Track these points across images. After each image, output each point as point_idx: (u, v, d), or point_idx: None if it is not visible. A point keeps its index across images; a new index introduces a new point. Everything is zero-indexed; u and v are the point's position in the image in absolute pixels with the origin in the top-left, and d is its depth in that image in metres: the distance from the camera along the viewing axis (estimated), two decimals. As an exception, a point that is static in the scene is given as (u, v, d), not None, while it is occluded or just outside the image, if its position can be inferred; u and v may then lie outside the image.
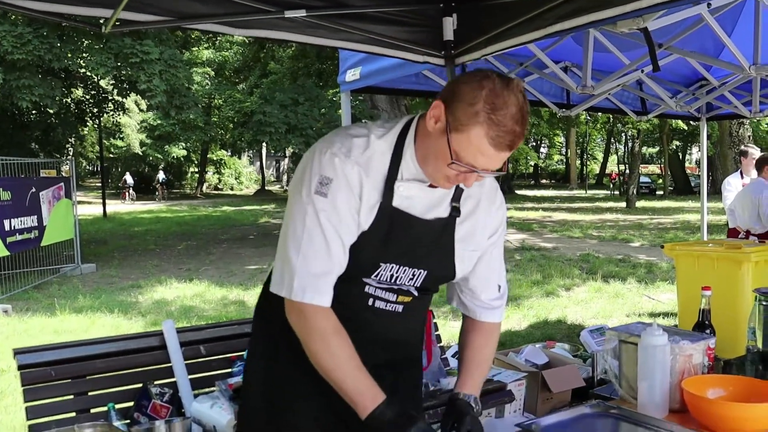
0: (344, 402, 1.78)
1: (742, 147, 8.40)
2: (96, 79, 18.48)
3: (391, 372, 1.98)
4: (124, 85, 16.83)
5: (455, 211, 1.90)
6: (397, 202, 1.81)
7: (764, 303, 2.65)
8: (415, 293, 1.94)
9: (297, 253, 1.76)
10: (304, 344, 1.80)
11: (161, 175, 39.83)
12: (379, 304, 1.91)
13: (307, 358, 1.80)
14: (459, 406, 1.91)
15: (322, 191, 1.75)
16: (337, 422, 1.91)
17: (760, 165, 6.88)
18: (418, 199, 1.84)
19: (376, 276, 1.86)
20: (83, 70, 16.47)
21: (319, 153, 1.79)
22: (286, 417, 1.97)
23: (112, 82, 17.13)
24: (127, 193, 37.64)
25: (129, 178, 38.64)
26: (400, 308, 1.94)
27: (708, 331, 2.59)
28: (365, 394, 1.74)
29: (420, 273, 1.90)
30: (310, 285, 1.75)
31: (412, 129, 1.83)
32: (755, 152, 7.57)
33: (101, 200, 27.29)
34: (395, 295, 1.91)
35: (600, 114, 36.28)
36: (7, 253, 10.50)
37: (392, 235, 1.82)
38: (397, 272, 1.87)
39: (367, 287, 1.88)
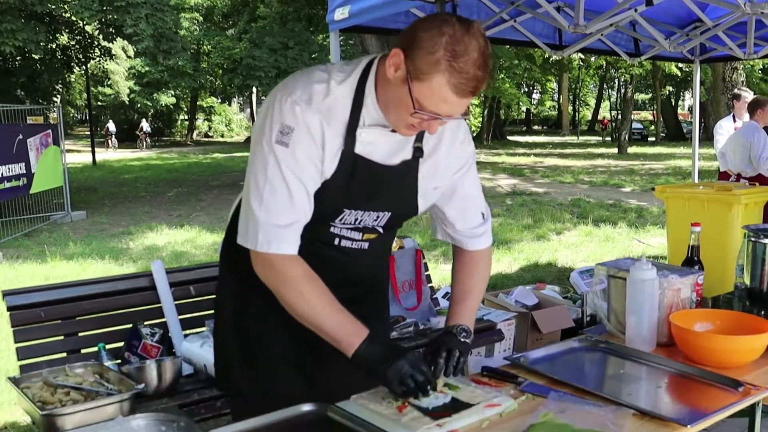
0: (316, 337, 1.79)
1: (735, 90, 8.33)
2: (81, 24, 18.13)
3: (360, 306, 1.98)
4: (110, 30, 16.55)
5: (418, 152, 1.88)
6: (359, 149, 1.79)
7: (753, 239, 2.65)
8: (381, 231, 1.95)
9: (260, 205, 1.74)
10: (276, 294, 1.80)
11: (145, 124, 39.34)
12: (345, 243, 1.91)
13: (273, 297, 1.81)
14: (444, 335, 1.92)
15: (283, 141, 1.72)
16: (308, 357, 1.93)
17: (752, 108, 6.83)
18: (381, 144, 1.82)
19: (341, 220, 1.86)
20: (67, 15, 16.14)
21: (280, 101, 1.75)
22: (257, 353, 1.98)
23: (98, 26, 16.82)
24: (109, 141, 37.21)
25: (111, 126, 38.20)
26: (366, 245, 1.94)
27: (697, 267, 2.60)
28: (348, 332, 1.75)
29: (384, 214, 1.90)
30: (275, 235, 1.74)
31: (372, 73, 1.78)
32: (748, 95, 7.51)
33: (90, 148, 27.05)
34: (361, 234, 1.92)
35: (593, 59, 35.99)
36: (-5, 200, 10.45)
37: (355, 182, 1.81)
38: (361, 216, 1.87)
39: (332, 228, 1.89)
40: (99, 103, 39.87)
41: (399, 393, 1.72)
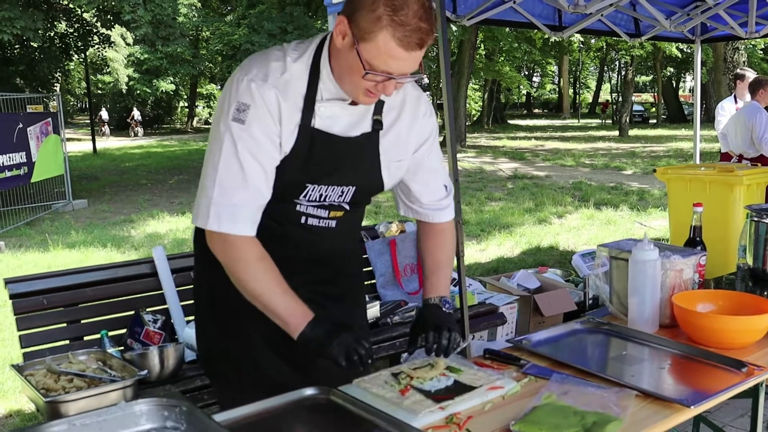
0: None
1: (738, 70, 8.28)
2: (79, 11, 18.05)
3: (330, 287, 2.00)
4: (108, 17, 16.47)
5: (377, 124, 1.89)
6: (318, 123, 1.80)
7: (755, 219, 2.65)
8: (347, 207, 1.95)
9: (213, 183, 1.75)
10: (229, 272, 1.81)
11: (136, 112, 39.35)
12: (311, 221, 1.91)
13: None
14: (427, 311, 1.95)
15: (239, 117, 1.73)
16: (284, 338, 1.90)
17: (753, 88, 6.78)
18: (340, 118, 1.83)
19: (305, 196, 1.86)
20: (65, 2, 16.07)
21: (237, 80, 1.75)
22: (236, 337, 1.99)
23: (96, 13, 16.75)
24: (102, 129, 37.20)
25: (104, 114, 38.25)
26: (333, 223, 1.94)
27: (699, 247, 2.59)
28: (295, 313, 1.77)
29: (349, 189, 1.90)
30: (226, 214, 1.74)
31: (325, 48, 1.79)
32: (750, 75, 7.46)
33: (90, 136, 27.01)
34: (327, 211, 1.92)
35: (593, 41, 35.81)
36: (-3, 189, 10.44)
37: (315, 156, 1.81)
38: (325, 191, 1.87)
39: (298, 206, 1.88)
40: (98, 91, 39.78)
41: (344, 366, 1.72)
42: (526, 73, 56.59)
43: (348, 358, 1.71)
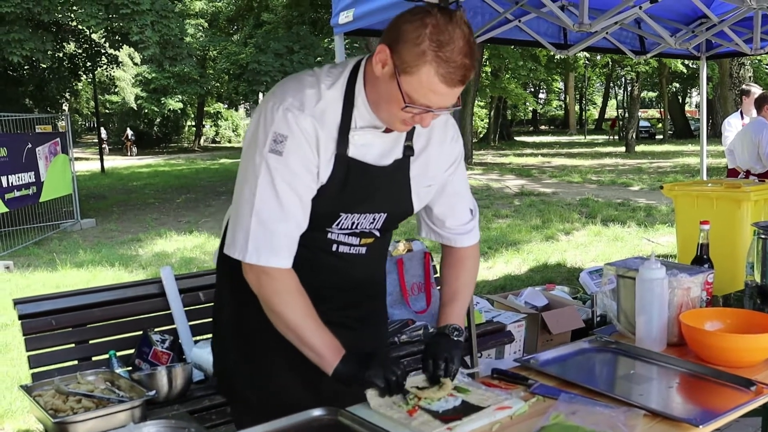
0: None
1: (744, 86, 8.29)
2: (87, 32, 18.23)
3: (356, 310, 2.00)
4: (116, 38, 16.62)
5: (409, 150, 1.88)
6: (352, 152, 1.78)
7: (763, 237, 2.64)
8: (377, 234, 1.95)
9: (250, 215, 1.72)
10: (264, 305, 1.80)
11: (129, 132, 39.88)
12: (342, 248, 1.91)
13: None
14: (437, 337, 1.93)
15: (276, 149, 1.70)
16: (308, 363, 1.89)
17: (759, 103, 6.79)
18: (373, 146, 1.82)
19: (337, 225, 1.86)
20: (74, 23, 16.23)
21: (272, 109, 1.72)
22: (258, 361, 1.98)
23: (104, 34, 16.90)
24: (102, 147, 37.72)
25: (104, 133, 38.71)
26: (363, 250, 1.94)
27: (706, 265, 2.58)
28: (330, 349, 1.76)
29: (380, 216, 1.90)
30: (265, 247, 1.73)
31: (360, 74, 1.77)
32: (756, 91, 7.47)
33: (99, 156, 27.16)
34: (358, 239, 1.91)
35: (599, 57, 35.90)
36: (6, 209, 10.49)
37: (350, 185, 1.80)
38: (357, 219, 1.86)
39: (329, 234, 1.88)
40: (106, 111, 40.06)
41: (382, 387, 1.73)
42: (532, 89, 56.72)
43: (387, 382, 1.72)
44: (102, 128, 39.38)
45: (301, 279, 1.80)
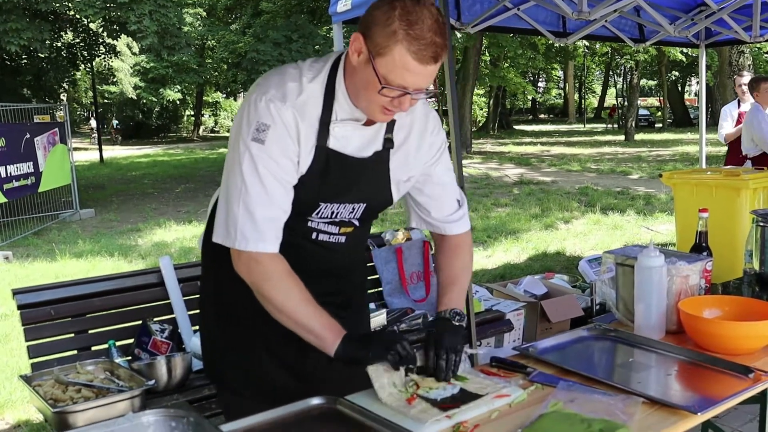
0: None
1: (736, 76, 8.28)
2: (85, 22, 18.15)
3: (336, 297, 2.01)
4: (114, 27, 16.55)
5: (388, 143, 1.91)
6: (332, 144, 1.82)
7: (761, 224, 2.64)
8: (357, 223, 1.97)
9: (238, 202, 1.75)
10: (257, 292, 1.81)
11: (114, 122, 40.42)
12: (322, 237, 1.93)
13: (251, 291, 1.82)
14: (436, 324, 1.93)
15: (259, 138, 1.74)
16: (290, 347, 1.94)
17: (751, 87, 6.81)
18: (353, 138, 1.85)
19: (317, 214, 1.88)
20: (71, 12, 16.15)
21: (255, 101, 1.77)
22: (241, 346, 2.01)
23: (102, 24, 16.82)
24: (92, 136, 38.52)
25: (93, 122, 39.20)
26: (342, 239, 1.96)
27: (705, 253, 2.58)
28: (331, 330, 1.77)
29: (359, 206, 1.92)
30: (253, 233, 1.75)
31: (340, 67, 1.81)
32: (749, 76, 7.48)
33: (97, 145, 27.13)
34: (337, 227, 1.94)
35: (598, 46, 35.81)
36: (4, 200, 10.48)
37: (329, 176, 1.83)
38: (337, 209, 1.89)
39: (309, 222, 1.90)
40: (105, 101, 40.02)
41: (392, 361, 1.74)
42: (531, 78, 56.57)
43: (391, 352, 1.73)
44: (93, 119, 39.89)
45: None
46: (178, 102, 39.56)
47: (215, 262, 1.94)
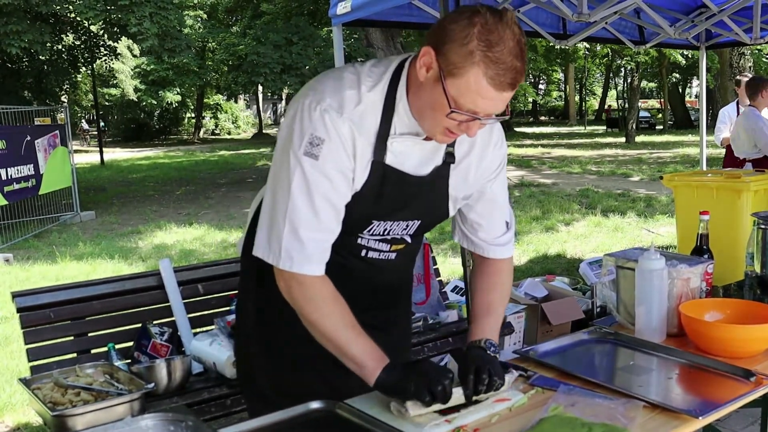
0: None
1: (738, 77, 8.23)
2: (86, 24, 18.17)
3: (382, 311, 1.95)
4: (115, 29, 16.55)
5: (450, 158, 1.79)
6: (390, 159, 1.71)
7: (763, 227, 2.63)
8: (409, 240, 1.89)
9: (284, 219, 1.66)
10: (299, 312, 1.73)
11: (84, 123, 41.43)
12: (372, 254, 1.86)
13: None
14: (470, 353, 1.79)
15: (312, 152, 1.62)
16: (331, 363, 1.85)
17: (751, 90, 6.65)
18: (412, 154, 1.74)
19: (369, 231, 1.81)
20: (72, 15, 16.17)
21: (309, 108, 1.64)
22: (280, 359, 1.94)
23: (103, 26, 16.84)
24: (86, 138, 39.79)
25: (85, 124, 40.17)
26: (393, 256, 1.89)
27: (706, 256, 2.58)
28: (372, 358, 1.68)
29: (413, 223, 1.84)
30: (298, 253, 1.66)
31: (403, 78, 1.68)
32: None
33: (98, 148, 27.14)
34: (389, 245, 1.86)
35: (599, 48, 35.79)
36: (5, 202, 10.48)
37: (385, 194, 1.73)
38: (390, 226, 1.81)
39: (360, 240, 1.82)
40: (106, 103, 40.10)
41: (427, 400, 1.62)
42: (532, 80, 56.60)
43: (431, 393, 1.61)
44: (84, 121, 40.51)
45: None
46: (178, 104, 39.57)
47: (258, 267, 1.83)
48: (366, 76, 1.69)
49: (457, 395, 1.68)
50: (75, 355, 3.23)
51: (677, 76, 46.89)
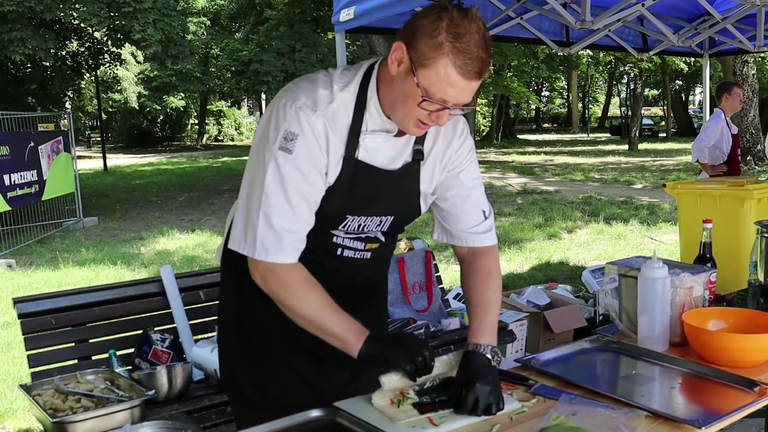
0: (319, 346, 1.80)
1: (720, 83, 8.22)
2: (90, 31, 18.22)
3: (357, 311, 1.93)
4: (118, 36, 16.60)
5: (418, 155, 1.87)
6: (362, 155, 1.78)
7: (766, 235, 2.62)
8: (383, 239, 1.94)
9: (258, 211, 1.71)
10: (276, 300, 1.78)
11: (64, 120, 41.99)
12: (347, 253, 1.90)
13: (276, 305, 1.79)
14: (470, 359, 1.80)
15: (286, 147, 1.69)
16: (312, 365, 1.92)
17: (719, 93, 6.68)
18: (384, 150, 1.81)
19: (344, 227, 1.85)
20: (76, 21, 16.22)
21: (284, 106, 1.72)
22: (262, 361, 1.97)
23: (107, 32, 16.89)
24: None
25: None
26: (368, 255, 1.93)
27: (709, 264, 2.57)
28: (352, 332, 1.73)
29: (387, 219, 1.89)
30: (273, 243, 1.71)
31: (373, 77, 1.77)
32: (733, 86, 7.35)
33: (101, 154, 27.18)
34: (363, 243, 1.90)
35: (601, 55, 35.81)
36: (8, 208, 10.48)
37: (358, 188, 1.79)
38: (364, 222, 1.85)
39: (335, 238, 1.87)
40: (110, 109, 40.18)
41: (410, 372, 1.70)
42: (535, 87, 56.64)
43: (413, 362, 1.68)
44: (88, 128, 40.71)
45: None
46: (181, 110, 39.65)
47: (238, 271, 1.90)
48: (338, 78, 1.78)
49: (440, 365, 1.77)
50: (76, 361, 3.22)
51: (680, 83, 46.88)
